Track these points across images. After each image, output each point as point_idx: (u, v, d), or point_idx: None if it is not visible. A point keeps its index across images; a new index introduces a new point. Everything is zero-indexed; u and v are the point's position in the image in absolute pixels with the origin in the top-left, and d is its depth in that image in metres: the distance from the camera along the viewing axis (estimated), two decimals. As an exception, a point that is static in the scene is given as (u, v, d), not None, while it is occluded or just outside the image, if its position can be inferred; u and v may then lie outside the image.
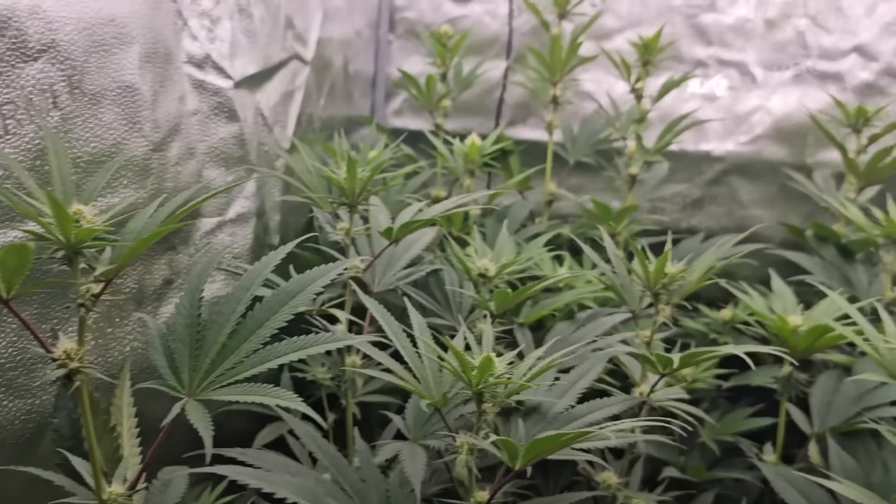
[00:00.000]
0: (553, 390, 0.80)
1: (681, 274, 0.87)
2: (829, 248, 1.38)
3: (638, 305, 0.93)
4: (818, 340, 1.00)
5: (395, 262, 1.03)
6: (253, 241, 1.01)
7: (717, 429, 1.23)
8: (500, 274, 0.96)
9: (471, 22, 1.67)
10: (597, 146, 1.55)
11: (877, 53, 1.56)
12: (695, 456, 1.26)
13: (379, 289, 1.00)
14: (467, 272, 0.95)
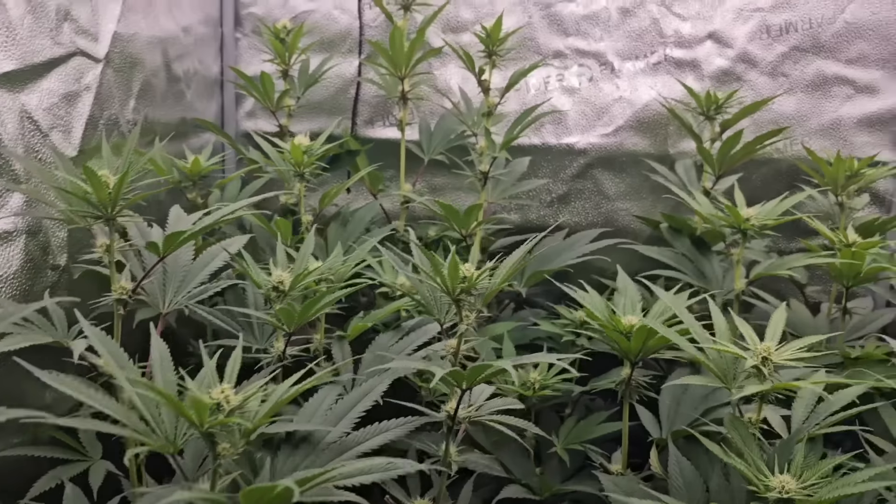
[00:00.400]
0: (330, 415, 0.72)
1: (481, 277, 0.80)
2: (683, 239, 1.34)
3: (444, 314, 0.85)
4: (649, 341, 0.95)
5: (190, 279, 0.93)
6: (23, 262, 0.89)
7: (572, 437, 1.17)
8: (296, 286, 0.86)
9: (320, 16, 1.58)
10: (452, 143, 1.48)
11: (731, 40, 1.53)
12: (552, 468, 1.20)
13: (168, 310, 0.89)
14: (257, 286, 0.86)
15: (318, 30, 1.57)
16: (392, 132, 1.59)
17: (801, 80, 1.55)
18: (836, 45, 1.53)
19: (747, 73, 1.55)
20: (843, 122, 1.56)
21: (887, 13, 1.51)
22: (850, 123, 1.56)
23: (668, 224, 1.36)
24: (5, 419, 0.58)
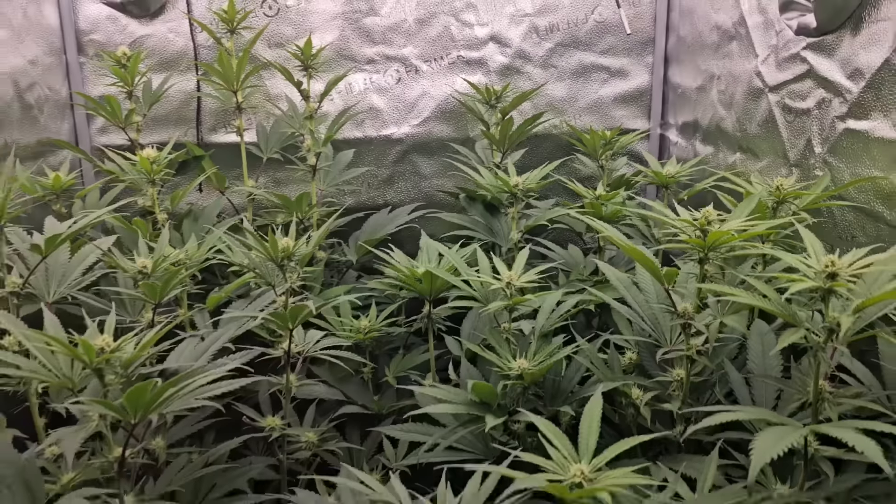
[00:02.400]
0: (190, 356, 0.98)
1: (297, 246, 1.08)
2: (477, 205, 1.68)
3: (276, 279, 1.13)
4: (436, 283, 1.27)
5: (70, 272, 1.15)
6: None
7: (399, 367, 1.48)
8: (157, 269, 1.11)
9: (157, 40, 1.79)
10: (286, 143, 1.74)
11: (509, 40, 1.89)
12: (388, 395, 1.51)
13: (54, 299, 1.12)
14: (125, 272, 1.10)
15: (156, 52, 1.79)
16: (235, 137, 1.83)
17: (566, 69, 1.93)
18: (591, 40, 1.92)
19: (524, 66, 1.91)
20: (603, 100, 1.96)
21: (627, 12, 1.91)
22: (609, 101, 1.96)
23: (465, 194, 1.70)
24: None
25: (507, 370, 1.09)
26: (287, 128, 1.74)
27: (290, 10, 1.82)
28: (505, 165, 1.77)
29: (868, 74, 1.11)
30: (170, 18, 1.79)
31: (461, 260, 1.25)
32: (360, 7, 1.84)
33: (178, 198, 1.45)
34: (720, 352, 1.11)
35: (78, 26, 1.77)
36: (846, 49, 1.17)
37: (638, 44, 1.93)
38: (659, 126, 1.98)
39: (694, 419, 1.06)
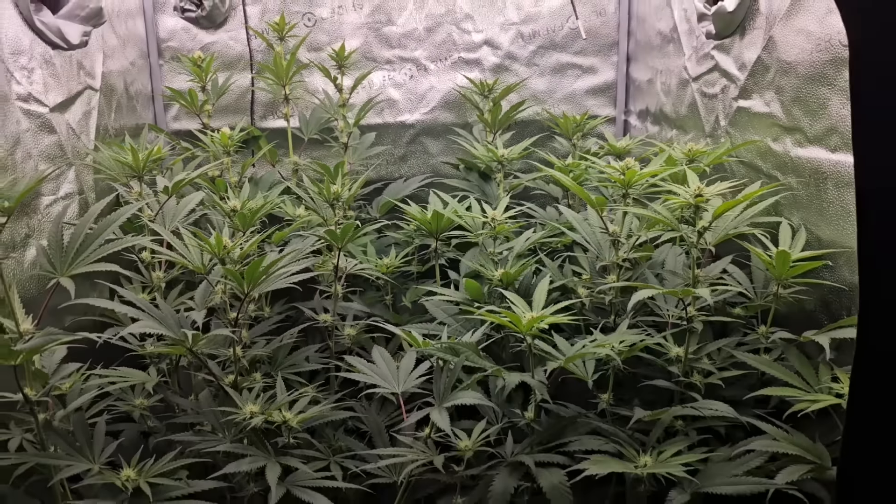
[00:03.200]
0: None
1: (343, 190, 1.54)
2: (474, 174, 2.13)
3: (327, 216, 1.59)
4: (440, 225, 1.72)
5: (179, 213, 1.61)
6: (79, 210, 1.56)
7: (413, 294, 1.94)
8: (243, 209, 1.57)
9: (220, 46, 2.26)
10: (322, 126, 2.21)
11: (499, 44, 2.35)
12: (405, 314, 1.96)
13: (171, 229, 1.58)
14: (222, 210, 1.57)
15: (219, 55, 2.25)
16: (281, 122, 2.29)
17: (547, 67, 2.38)
18: (566, 44, 2.37)
19: (512, 65, 2.37)
20: (576, 92, 2.41)
21: (593, 22, 2.36)
22: (582, 93, 2.42)
23: (464, 165, 2.16)
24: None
25: (491, 276, 1.55)
26: (323, 114, 2.21)
27: (325, 21, 2.28)
28: (495, 143, 2.22)
29: (749, 67, 1.57)
30: (230, 29, 2.26)
31: (460, 206, 1.71)
32: (381, 19, 2.30)
33: (247, 165, 1.91)
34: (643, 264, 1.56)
35: (159, 35, 2.24)
36: (736, 49, 1.62)
37: (605, 46, 2.39)
38: (623, 113, 2.43)
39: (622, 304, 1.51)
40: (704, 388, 1.35)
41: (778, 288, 1.35)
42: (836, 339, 1.23)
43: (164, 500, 1.16)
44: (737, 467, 1.15)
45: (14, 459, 1.17)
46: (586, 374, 1.30)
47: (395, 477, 1.35)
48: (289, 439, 1.32)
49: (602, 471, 1.09)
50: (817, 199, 1.37)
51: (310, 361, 1.55)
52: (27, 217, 1.40)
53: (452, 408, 1.24)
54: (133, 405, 1.47)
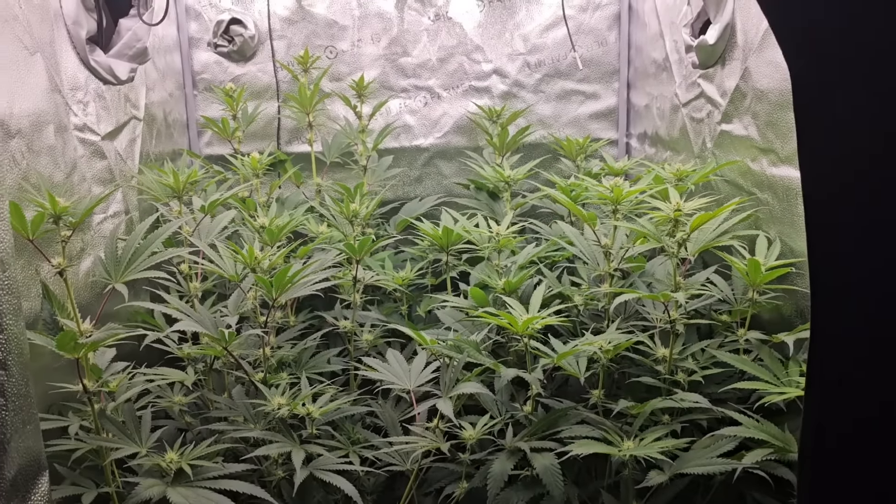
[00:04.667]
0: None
1: (361, 208, 1.71)
2: (483, 193, 2.30)
3: (346, 231, 1.76)
4: (450, 240, 1.88)
5: (213, 229, 1.79)
6: (126, 227, 1.74)
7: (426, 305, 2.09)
8: (271, 225, 1.75)
9: (249, 77, 2.46)
10: (343, 150, 2.39)
11: (507, 73, 2.52)
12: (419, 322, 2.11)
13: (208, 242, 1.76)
14: (252, 226, 1.74)
15: (249, 86, 2.45)
16: (304, 147, 2.48)
17: (552, 94, 2.55)
18: (570, 72, 2.54)
19: (520, 92, 2.54)
20: (580, 117, 2.57)
21: (595, 51, 2.53)
22: (585, 117, 2.58)
23: (475, 185, 2.32)
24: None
25: (495, 285, 1.70)
26: (344, 139, 2.39)
27: (345, 53, 2.47)
28: (503, 165, 2.39)
29: (729, 94, 1.72)
30: (259, 61, 2.46)
31: (468, 223, 1.87)
32: (397, 50, 2.49)
33: (275, 186, 2.09)
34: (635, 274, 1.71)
35: (193, 69, 2.44)
36: (719, 78, 1.77)
37: (607, 73, 2.55)
38: (625, 136, 2.58)
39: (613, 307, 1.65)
40: (688, 385, 1.48)
41: (753, 294, 1.49)
42: (802, 339, 1.36)
43: (203, 479, 1.32)
44: (710, 452, 1.28)
45: (73, 444, 1.34)
46: (579, 372, 1.44)
47: (407, 465, 1.49)
48: (312, 430, 1.47)
49: (586, 451, 1.23)
50: (789, 213, 1.51)
51: (331, 363, 1.71)
52: (81, 233, 1.58)
53: (458, 400, 1.39)
54: (172, 401, 1.63)
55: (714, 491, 1.48)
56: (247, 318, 1.61)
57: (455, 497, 1.47)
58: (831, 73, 0.93)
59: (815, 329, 1.00)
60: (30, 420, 1.10)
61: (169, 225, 1.47)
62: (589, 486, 1.54)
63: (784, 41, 0.99)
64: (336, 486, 1.55)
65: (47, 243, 1.35)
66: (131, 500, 1.26)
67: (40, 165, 1.43)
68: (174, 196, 1.67)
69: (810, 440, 1.07)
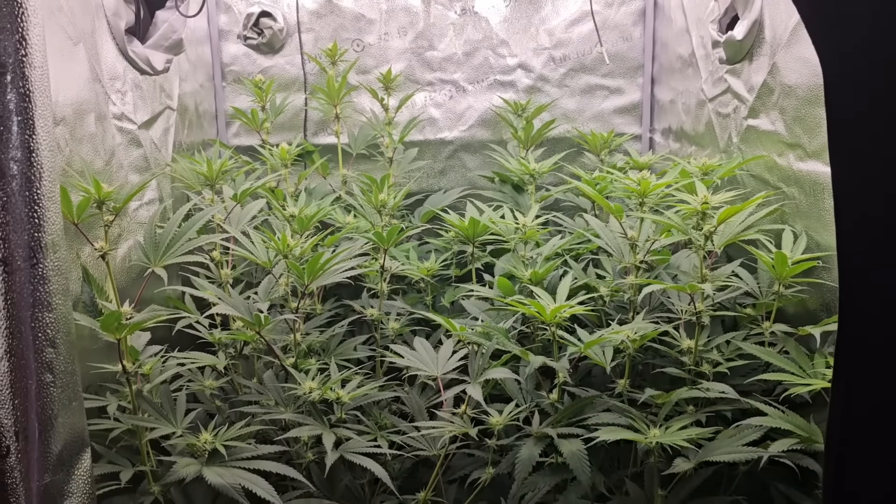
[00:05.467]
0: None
1: (389, 198, 1.74)
2: (507, 186, 2.32)
3: (373, 221, 1.79)
4: (476, 231, 1.90)
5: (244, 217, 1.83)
6: (160, 214, 1.78)
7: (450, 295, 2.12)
8: (301, 214, 1.78)
9: (277, 70, 2.49)
10: (369, 142, 2.41)
11: (532, 67, 2.54)
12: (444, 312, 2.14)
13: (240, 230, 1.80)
14: (282, 215, 1.77)
15: (277, 78, 2.48)
16: (331, 139, 2.51)
17: (576, 88, 2.56)
18: (594, 67, 2.55)
19: (544, 86, 2.55)
20: (605, 112, 2.59)
21: (620, 47, 2.54)
22: (609, 112, 2.59)
23: (499, 178, 2.34)
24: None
25: (521, 276, 1.73)
26: (370, 131, 2.42)
27: (372, 46, 2.50)
28: (528, 158, 2.40)
29: (756, 89, 1.73)
30: (286, 54, 2.49)
31: (494, 214, 1.89)
32: (423, 44, 2.51)
33: (304, 176, 2.12)
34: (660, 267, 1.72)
35: (222, 61, 2.48)
36: (746, 73, 1.78)
37: (631, 68, 2.56)
38: (648, 131, 2.59)
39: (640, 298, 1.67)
40: (713, 376, 1.50)
41: (780, 287, 1.50)
42: (829, 332, 1.37)
43: (236, 459, 1.36)
44: (736, 440, 1.30)
45: (111, 423, 1.38)
46: (605, 362, 1.46)
47: (434, 450, 1.52)
48: (341, 415, 1.50)
49: (613, 437, 1.25)
50: (816, 207, 1.52)
51: (357, 351, 1.74)
52: (119, 219, 1.62)
53: (485, 387, 1.41)
54: (203, 385, 1.67)
55: (737, 482, 1.50)
56: (274, 306, 1.64)
57: (481, 482, 1.49)
58: (862, 66, 0.95)
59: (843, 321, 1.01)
60: (75, 397, 1.14)
61: (205, 211, 1.50)
62: (613, 476, 1.56)
63: (815, 34, 1.00)
64: (362, 470, 1.58)
65: (87, 228, 1.39)
66: (169, 478, 1.29)
67: (82, 153, 1.47)
68: (207, 184, 1.70)
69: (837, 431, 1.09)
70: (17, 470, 1.04)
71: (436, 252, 2.21)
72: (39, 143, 1.00)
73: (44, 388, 1.07)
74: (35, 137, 1.00)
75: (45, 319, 1.05)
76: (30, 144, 0.99)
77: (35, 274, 1.03)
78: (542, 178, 2.21)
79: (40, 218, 1.03)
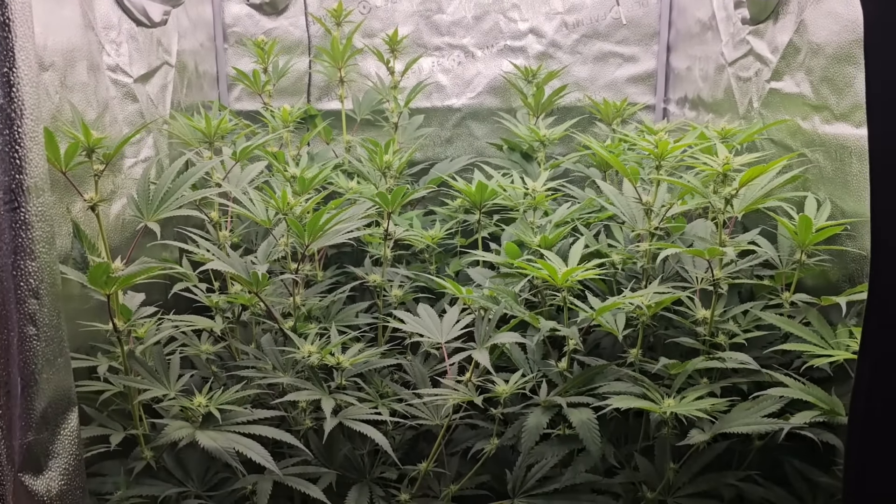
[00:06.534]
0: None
1: (394, 158, 1.67)
2: (516, 154, 2.24)
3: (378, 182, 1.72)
4: (484, 196, 1.83)
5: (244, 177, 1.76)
6: (157, 171, 1.71)
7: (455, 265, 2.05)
8: (302, 175, 1.71)
9: (281, 31, 2.42)
10: (374, 108, 2.34)
11: (544, 33, 2.45)
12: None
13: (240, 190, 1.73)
14: (284, 176, 1.70)
15: (280, 40, 2.40)
16: (335, 104, 2.44)
17: (589, 55, 2.48)
18: (608, 33, 2.47)
19: (556, 53, 2.47)
20: (618, 80, 2.50)
21: (636, 12, 2.45)
22: (623, 81, 2.51)
23: (507, 146, 2.27)
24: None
25: (531, 243, 1.66)
26: (375, 96, 2.34)
27: (378, 9, 2.42)
28: (538, 126, 2.33)
29: (781, 49, 1.65)
30: (290, 15, 2.41)
31: (503, 179, 1.82)
32: (431, 7, 2.43)
33: (306, 139, 2.05)
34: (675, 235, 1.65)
35: (224, 20, 2.40)
36: (770, 34, 1.70)
37: (646, 35, 2.47)
38: (662, 101, 2.51)
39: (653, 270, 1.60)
40: (729, 347, 1.43)
41: (802, 255, 1.43)
42: (854, 301, 1.31)
43: (231, 423, 1.30)
44: (754, 412, 1.24)
45: (101, 385, 1.32)
46: (617, 329, 1.40)
47: (437, 420, 1.46)
48: (341, 381, 1.44)
49: (626, 406, 1.19)
50: (842, 172, 1.45)
51: (359, 317, 1.68)
52: (112, 176, 1.56)
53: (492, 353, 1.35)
54: (199, 350, 1.61)
55: (750, 458, 1.44)
56: (274, 272, 1.58)
57: (485, 454, 1.44)
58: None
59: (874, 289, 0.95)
60: (61, 353, 1.08)
61: (201, 165, 1.44)
62: (621, 450, 1.51)
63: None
64: (362, 440, 1.52)
65: (79, 181, 1.33)
66: (160, 441, 1.24)
67: (73, 102, 1.40)
68: (206, 142, 1.63)
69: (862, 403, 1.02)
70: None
71: (441, 221, 2.14)
72: (20, 78, 0.94)
73: (26, 341, 1.01)
74: (15, 71, 0.93)
75: (28, 268, 0.99)
76: (9, 78, 0.92)
77: (16, 219, 0.97)
78: (551, 147, 2.13)
79: (21, 159, 0.96)
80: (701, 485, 1.37)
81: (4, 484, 1.01)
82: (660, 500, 1.39)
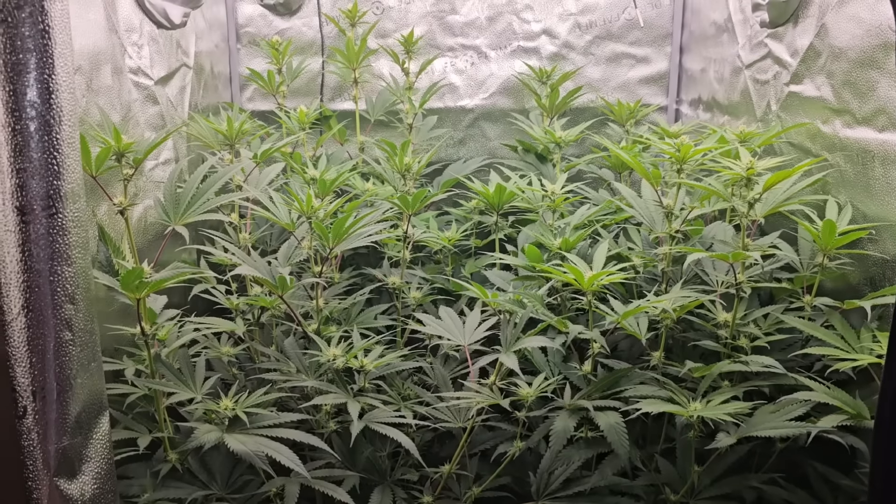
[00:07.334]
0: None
1: (413, 162, 1.67)
2: (531, 155, 2.25)
3: (397, 185, 1.72)
4: (502, 198, 1.84)
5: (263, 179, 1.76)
6: (178, 174, 1.71)
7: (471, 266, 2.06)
8: (322, 177, 1.71)
9: (294, 32, 2.41)
10: (388, 108, 2.34)
11: (557, 34, 2.45)
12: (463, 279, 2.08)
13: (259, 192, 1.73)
14: (304, 178, 1.71)
15: (294, 40, 2.40)
16: (348, 105, 2.44)
17: (602, 56, 2.48)
18: (621, 34, 2.47)
19: (569, 54, 2.47)
20: (630, 81, 2.51)
21: (649, 14, 2.45)
22: (635, 82, 2.51)
23: (522, 147, 2.27)
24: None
25: (550, 245, 1.66)
26: (389, 97, 2.34)
27: (392, 9, 2.42)
28: (552, 128, 2.33)
29: (801, 53, 1.65)
30: (304, 15, 2.41)
31: (521, 180, 1.82)
32: (444, 8, 2.43)
33: (322, 140, 2.05)
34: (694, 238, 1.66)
35: (237, 21, 2.40)
36: (789, 37, 1.71)
37: (659, 37, 2.48)
38: (675, 102, 2.52)
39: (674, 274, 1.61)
40: (751, 351, 1.44)
41: (824, 259, 1.44)
42: (879, 305, 1.31)
43: (258, 427, 1.30)
44: (780, 416, 1.24)
45: (128, 388, 1.33)
46: (640, 333, 1.41)
47: (460, 423, 1.47)
48: (364, 384, 1.45)
49: (655, 409, 1.20)
50: (863, 176, 1.45)
51: (378, 320, 1.68)
52: (134, 178, 1.56)
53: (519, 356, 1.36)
54: (220, 352, 1.61)
55: (770, 462, 1.45)
56: (293, 273, 1.58)
57: (509, 456, 1.44)
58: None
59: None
60: (94, 357, 1.08)
61: (227, 169, 1.44)
62: (641, 451, 1.51)
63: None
64: (382, 442, 1.53)
65: (104, 183, 1.33)
66: (189, 444, 1.24)
67: (100, 105, 1.40)
68: (226, 144, 1.64)
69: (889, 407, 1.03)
70: (34, 431, 0.98)
71: (456, 222, 2.15)
72: (59, 85, 0.94)
73: (62, 346, 1.02)
74: (55, 78, 0.93)
75: (65, 273, 0.99)
76: (49, 85, 0.93)
77: (53, 224, 0.97)
78: (566, 148, 2.14)
79: (59, 165, 0.96)
80: (724, 487, 1.37)
81: (41, 488, 1.01)
82: (682, 502, 1.40)
